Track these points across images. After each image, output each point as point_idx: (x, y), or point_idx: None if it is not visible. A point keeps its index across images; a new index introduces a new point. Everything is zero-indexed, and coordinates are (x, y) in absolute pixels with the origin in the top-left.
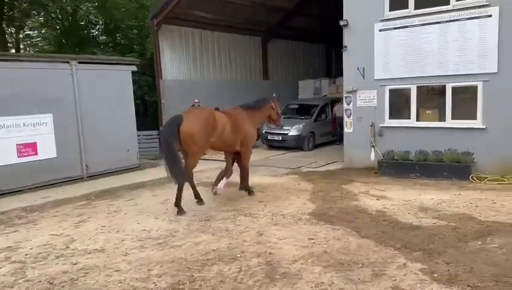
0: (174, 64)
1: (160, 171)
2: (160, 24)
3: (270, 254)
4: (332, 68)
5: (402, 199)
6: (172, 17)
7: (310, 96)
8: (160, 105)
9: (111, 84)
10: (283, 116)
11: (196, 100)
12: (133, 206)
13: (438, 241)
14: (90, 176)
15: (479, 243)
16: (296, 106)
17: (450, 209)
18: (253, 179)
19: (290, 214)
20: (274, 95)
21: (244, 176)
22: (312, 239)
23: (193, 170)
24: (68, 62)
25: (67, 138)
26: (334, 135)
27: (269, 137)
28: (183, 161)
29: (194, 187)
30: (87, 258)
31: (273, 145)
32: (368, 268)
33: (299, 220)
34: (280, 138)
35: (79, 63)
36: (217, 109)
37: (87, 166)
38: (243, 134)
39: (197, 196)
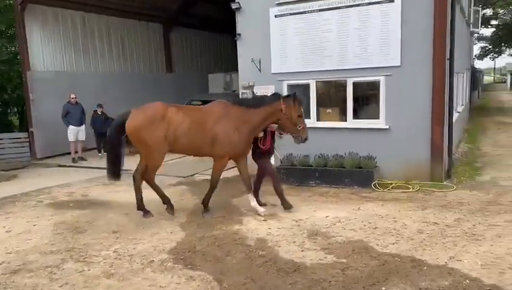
0: (48, 52)
1: (11, 186)
2: (26, 3)
3: None
4: None
5: (293, 219)
6: None
7: (220, 91)
8: (29, 101)
9: None
10: None
11: (72, 96)
12: None
13: None
14: None
15: None
16: (199, 102)
17: (344, 234)
18: (127, 194)
19: (141, 254)
20: (295, 93)
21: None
22: None
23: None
24: None
25: None
26: None
27: None
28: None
29: (140, 198)
30: None
31: None
32: None
33: (150, 263)
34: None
35: None
36: (99, 105)
37: None
38: (210, 135)
39: (139, 206)
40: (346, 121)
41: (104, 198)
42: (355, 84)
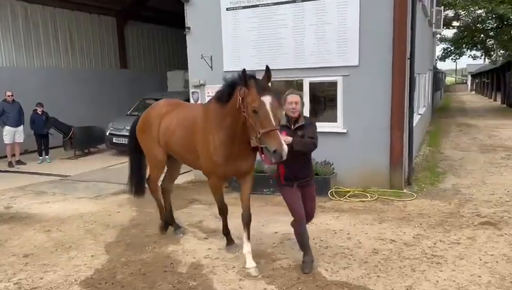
0: None
1: None
2: None
3: None
4: None
5: (237, 237)
6: None
7: (180, 89)
8: None
9: None
10: None
11: (8, 93)
12: None
13: None
14: None
15: None
16: (153, 101)
17: (292, 256)
18: (58, 205)
19: (48, 286)
20: (244, 70)
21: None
22: None
23: None
24: None
25: None
26: None
27: (114, 140)
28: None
29: (161, 209)
30: None
31: (123, 150)
32: None
33: None
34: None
35: None
36: (39, 104)
37: None
38: (193, 145)
39: (166, 221)
40: None
41: (30, 210)
42: (312, 85)
